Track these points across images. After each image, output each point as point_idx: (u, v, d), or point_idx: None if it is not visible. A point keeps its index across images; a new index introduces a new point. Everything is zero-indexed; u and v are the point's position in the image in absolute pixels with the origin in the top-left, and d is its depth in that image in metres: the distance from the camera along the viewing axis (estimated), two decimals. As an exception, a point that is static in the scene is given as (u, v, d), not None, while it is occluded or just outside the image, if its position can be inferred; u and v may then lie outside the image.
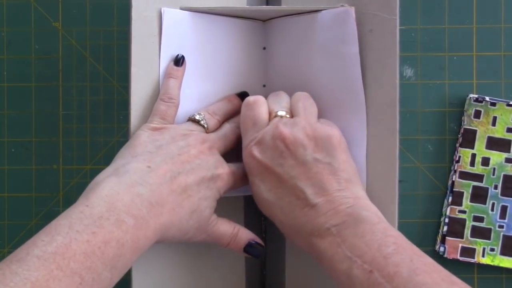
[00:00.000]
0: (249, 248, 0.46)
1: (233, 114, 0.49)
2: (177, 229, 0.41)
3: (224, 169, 0.45)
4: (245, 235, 0.46)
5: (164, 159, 0.42)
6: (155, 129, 0.45)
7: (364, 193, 0.43)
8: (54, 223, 0.36)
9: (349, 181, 0.42)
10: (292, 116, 0.45)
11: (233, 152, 0.48)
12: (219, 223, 0.45)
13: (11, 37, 0.58)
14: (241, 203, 0.51)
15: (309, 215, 0.40)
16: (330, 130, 0.43)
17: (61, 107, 0.58)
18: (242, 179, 0.46)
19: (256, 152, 0.43)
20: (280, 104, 0.46)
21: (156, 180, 0.40)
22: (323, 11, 0.47)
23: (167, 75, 0.47)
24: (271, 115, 0.45)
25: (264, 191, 0.43)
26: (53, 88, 0.58)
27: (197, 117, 0.47)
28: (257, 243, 0.46)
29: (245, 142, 0.45)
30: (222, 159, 0.45)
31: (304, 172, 0.41)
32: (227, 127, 0.48)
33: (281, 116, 0.44)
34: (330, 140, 0.42)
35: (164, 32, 0.47)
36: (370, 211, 0.40)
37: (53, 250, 0.34)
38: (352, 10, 0.45)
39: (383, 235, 0.38)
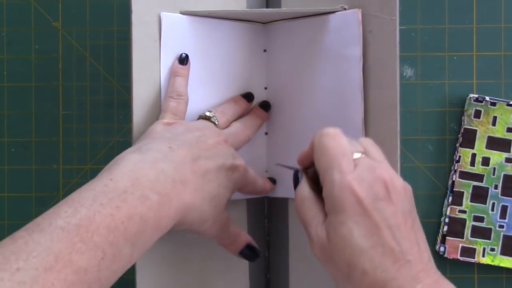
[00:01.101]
0: (245, 251, 0.46)
1: (240, 115, 0.49)
2: (198, 212, 0.41)
3: (241, 162, 0.44)
4: (244, 238, 0.46)
5: (184, 143, 0.41)
6: (169, 123, 0.44)
7: None
8: (76, 194, 0.36)
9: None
10: None
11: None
12: (230, 221, 0.45)
13: (11, 37, 0.58)
14: (244, 206, 0.51)
15: (401, 271, 0.35)
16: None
17: (61, 107, 0.58)
18: (254, 180, 0.47)
19: (358, 188, 0.36)
20: (355, 146, 0.39)
21: (179, 159, 0.40)
22: (330, 15, 0.47)
23: (173, 73, 0.47)
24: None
25: (357, 236, 0.36)
26: (53, 88, 0.58)
27: (208, 114, 0.47)
28: (253, 247, 0.46)
29: (335, 174, 0.37)
30: (237, 153, 0.45)
31: (403, 223, 0.36)
32: (237, 125, 0.48)
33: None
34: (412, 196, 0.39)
35: (163, 37, 0.46)
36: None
37: (76, 222, 0.33)
38: (358, 12, 0.45)
39: None
